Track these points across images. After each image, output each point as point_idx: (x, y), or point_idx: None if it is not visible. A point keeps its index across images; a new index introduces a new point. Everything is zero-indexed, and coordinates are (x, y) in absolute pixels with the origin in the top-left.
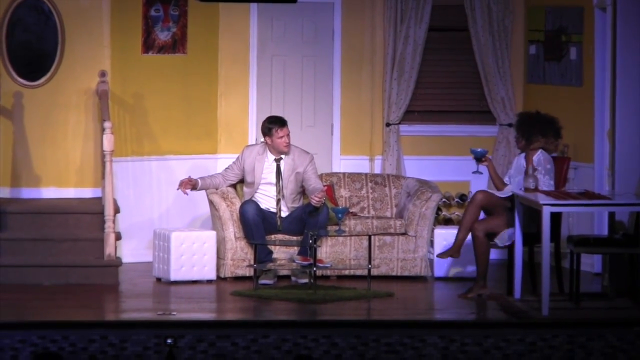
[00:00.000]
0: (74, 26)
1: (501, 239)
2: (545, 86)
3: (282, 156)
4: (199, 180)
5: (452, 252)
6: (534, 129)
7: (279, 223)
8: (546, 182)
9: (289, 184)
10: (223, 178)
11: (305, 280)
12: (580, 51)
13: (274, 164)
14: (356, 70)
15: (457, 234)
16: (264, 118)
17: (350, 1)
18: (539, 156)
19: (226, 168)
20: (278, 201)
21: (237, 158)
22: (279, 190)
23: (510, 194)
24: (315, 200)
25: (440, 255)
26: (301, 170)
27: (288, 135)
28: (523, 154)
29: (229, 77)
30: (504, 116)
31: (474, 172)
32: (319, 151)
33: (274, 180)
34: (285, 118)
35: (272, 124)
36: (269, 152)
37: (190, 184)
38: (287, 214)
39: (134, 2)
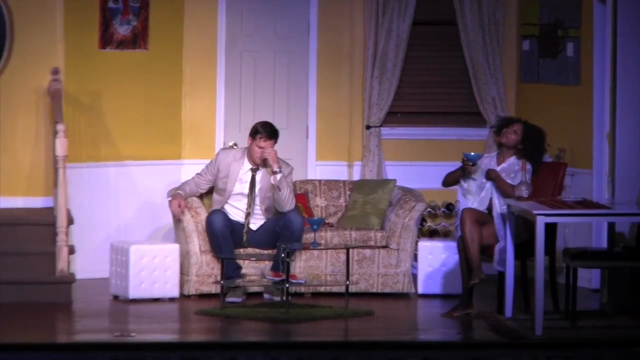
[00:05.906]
0: (24, 19)
1: (498, 262)
2: (540, 85)
3: (260, 167)
4: (181, 193)
5: (476, 276)
6: (538, 147)
7: (244, 238)
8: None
9: (265, 199)
10: (196, 185)
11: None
12: (577, 47)
13: (249, 174)
14: (334, 68)
15: (468, 255)
16: (232, 120)
17: None
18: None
19: (198, 174)
20: (247, 215)
21: (211, 162)
22: (250, 204)
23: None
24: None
25: (451, 313)
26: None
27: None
28: (493, 154)
29: (195, 76)
30: (494, 118)
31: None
32: (292, 156)
33: (247, 191)
34: (265, 121)
35: (261, 130)
36: (246, 159)
37: (182, 208)
38: (257, 226)
39: None
